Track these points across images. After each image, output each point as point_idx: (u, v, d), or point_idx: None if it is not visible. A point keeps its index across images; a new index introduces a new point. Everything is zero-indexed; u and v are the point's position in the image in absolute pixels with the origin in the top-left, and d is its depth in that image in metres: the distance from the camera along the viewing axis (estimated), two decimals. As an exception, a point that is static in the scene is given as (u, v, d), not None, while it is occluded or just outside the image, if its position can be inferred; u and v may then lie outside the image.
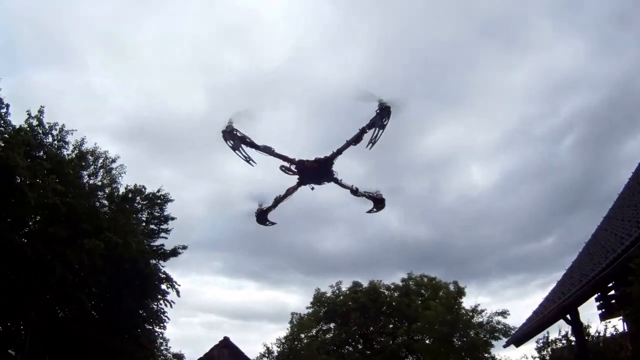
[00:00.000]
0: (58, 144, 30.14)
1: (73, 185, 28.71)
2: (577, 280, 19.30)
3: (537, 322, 22.61)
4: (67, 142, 30.60)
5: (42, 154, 28.63)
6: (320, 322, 54.14)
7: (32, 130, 28.63)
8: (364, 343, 54.09)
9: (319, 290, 56.96)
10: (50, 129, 29.77)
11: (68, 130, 30.52)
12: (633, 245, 13.66)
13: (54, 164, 27.52)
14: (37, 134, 28.96)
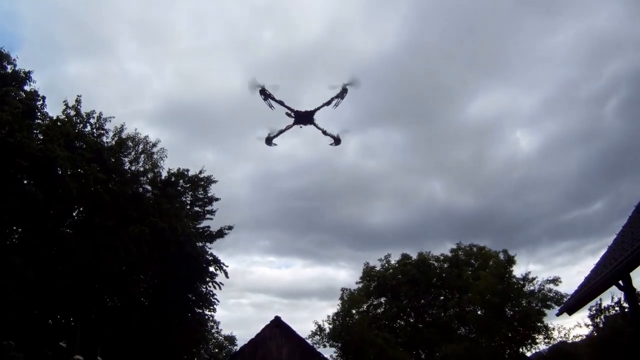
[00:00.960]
0: (97, 132, 30.46)
1: (115, 172, 29.01)
2: (628, 245, 18.73)
3: (589, 289, 22.07)
4: (106, 130, 30.97)
5: (82, 143, 28.90)
6: (370, 297, 54.06)
7: (70, 120, 28.93)
8: (415, 316, 53.95)
9: (368, 264, 56.87)
10: (88, 118, 30.09)
11: (106, 118, 30.87)
12: None
13: (94, 152, 27.79)
14: (75, 124, 29.25)
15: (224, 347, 48.59)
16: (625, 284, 21.13)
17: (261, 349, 34.50)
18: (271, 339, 34.92)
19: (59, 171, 25.23)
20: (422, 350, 50.65)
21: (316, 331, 41.42)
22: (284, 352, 34.70)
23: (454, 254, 54.70)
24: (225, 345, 48.75)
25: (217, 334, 47.13)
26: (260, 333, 35.12)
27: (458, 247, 55.09)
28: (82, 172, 25.87)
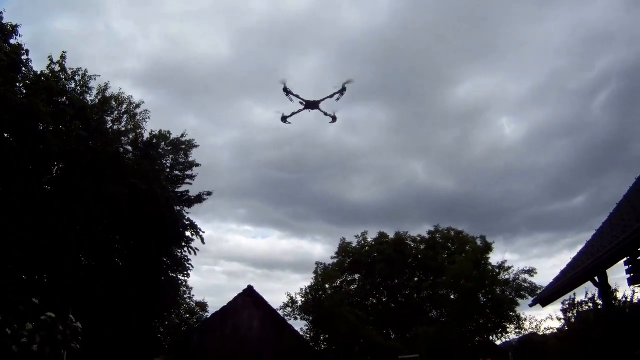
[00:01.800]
0: (81, 89, 29.91)
1: (97, 131, 28.50)
2: (607, 242, 18.65)
3: (564, 283, 22.06)
4: (90, 88, 30.45)
5: (65, 100, 28.37)
6: (344, 273, 54.09)
7: (54, 76, 28.38)
8: (388, 295, 54.10)
9: (344, 240, 56.86)
10: (73, 75, 29.53)
11: (91, 76, 30.30)
12: None
13: (77, 110, 27.26)
14: (59, 80, 28.67)
15: (195, 313, 48.48)
16: (600, 280, 21.11)
17: (232, 318, 34.32)
18: (243, 308, 34.74)
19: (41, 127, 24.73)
20: (393, 330, 50.84)
21: (288, 303, 41.39)
22: (254, 322, 34.55)
23: (431, 236, 54.78)
24: (196, 311, 48.64)
25: (190, 299, 46.95)
26: (232, 302, 34.92)
27: (436, 229, 55.18)
28: (63, 129, 25.38)
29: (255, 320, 34.57)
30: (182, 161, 34.80)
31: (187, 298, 45.72)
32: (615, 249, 17.13)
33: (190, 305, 47.67)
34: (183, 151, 34.57)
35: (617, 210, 22.05)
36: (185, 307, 46.76)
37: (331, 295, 43.03)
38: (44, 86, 25.63)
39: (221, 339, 33.25)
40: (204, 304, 48.98)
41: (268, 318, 34.94)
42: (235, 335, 33.63)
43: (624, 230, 17.08)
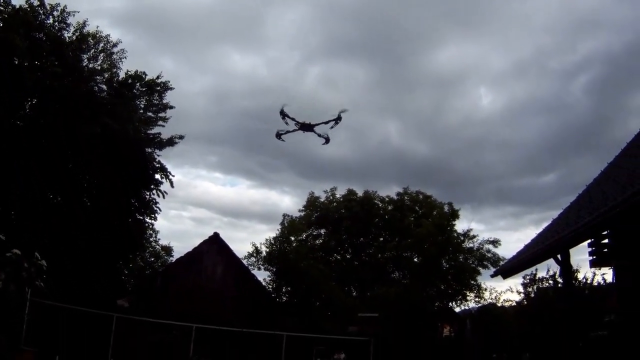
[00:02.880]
0: (59, 25, 29.14)
1: (72, 68, 27.78)
2: (572, 222, 18.90)
3: (527, 257, 22.37)
4: (68, 24, 29.64)
5: (42, 35, 27.66)
6: (311, 227, 54.17)
7: (32, 10, 27.60)
8: (352, 253, 54.41)
9: (313, 194, 56.82)
10: (52, 10, 28.72)
11: (70, 12, 29.47)
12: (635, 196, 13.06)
13: (53, 45, 26.59)
14: (37, 15, 27.91)
15: (160, 256, 48.36)
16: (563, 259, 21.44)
17: (196, 264, 34.46)
18: (207, 255, 34.89)
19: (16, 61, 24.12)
20: (354, 287, 51.30)
21: (252, 253, 41.31)
22: (218, 270, 34.76)
23: (400, 198, 54.92)
24: (161, 255, 48.52)
25: (155, 243, 46.72)
26: (197, 248, 35.03)
27: (405, 192, 55.29)
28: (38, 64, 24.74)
29: (218, 267, 34.77)
30: (156, 103, 34.12)
31: (153, 241, 45.54)
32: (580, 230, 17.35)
33: (156, 248, 47.50)
34: (157, 93, 33.87)
35: (586, 192, 22.27)
36: (151, 250, 46.61)
37: (296, 248, 43.15)
38: (21, 20, 24.95)
39: (184, 284, 33.37)
40: (169, 248, 48.84)
41: (232, 266, 35.17)
42: (198, 282, 33.85)
43: (591, 213, 17.26)
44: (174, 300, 32.46)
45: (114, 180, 27.85)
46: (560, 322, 21.80)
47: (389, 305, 37.59)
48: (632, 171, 17.24)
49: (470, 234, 40.12)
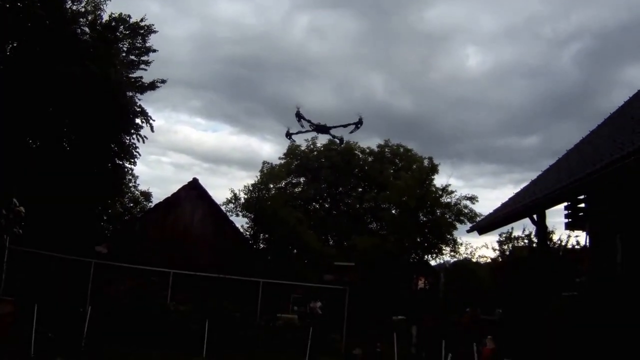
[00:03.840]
0: (42, -34, 28.15)
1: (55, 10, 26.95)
2: (550, 184, 19.16)
3: (503, 215, 22.66)
4: (51, -36, 28.61)
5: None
6: (290, 175, 54.30)
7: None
8: (331, 202, 54.73)
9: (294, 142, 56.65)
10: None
11: (52, -47, 28.47)
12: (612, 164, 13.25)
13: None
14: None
15: (139, 202, 48.19)
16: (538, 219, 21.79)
17: (175, 209, 34.38)
18: (186, 201, 34.78)
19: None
20: (331, 236, 51.75)
21: (231, 199, 41.34)
22: (196, 215, 34.71)
23: (380, 150, 55.07)
24: (140, 200, 48.33)
25: (134, 188, 46.49)
26: (176, 193, 34.89)
27: (385, 144, 55.45)
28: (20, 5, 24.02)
29: (197, 213, 34.72)
30: (139, 46, 33.52)
31: (132, 187, 45.36)
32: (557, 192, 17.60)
33: (135, 194, 47.31)
34: (141, 36, 33.24)
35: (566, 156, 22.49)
36: (130, 195, 46.42)
37: (274, 195, 43.25)
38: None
39: (162, 230, 33.40)
40: (149, 193, 48.66)
41: (210, 212, 35.13)
42: (176, 227, 33.84)
43: (569, 176, 17.47)
44: (152, 246, 32.52)
45: (94, 125, 27.41)
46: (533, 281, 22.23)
47: (366, 255, 37.98)
48: (612, 140, 17.39)
49: (448, 189, 40.34)
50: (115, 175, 30.64)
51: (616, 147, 15.28)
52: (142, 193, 48.50)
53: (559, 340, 12.76)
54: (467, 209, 39.77)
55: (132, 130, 30.84)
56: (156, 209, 35.61)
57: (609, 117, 22.62)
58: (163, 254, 31.54)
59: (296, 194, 53.78)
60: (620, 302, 11.17)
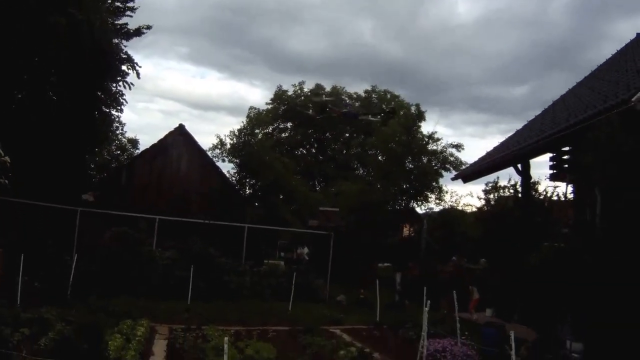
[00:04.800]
0: None
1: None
2: (534, 134, 19.42)
3: (487, 164, 22.95)
4: None
5: None
6: (277, 120, 54.16)
7: None
8: (317, 148, 54.77)
9: (281, 87, 56.42)
10: None
11: None
12: (595, 117, 13.44)
13: None
14: None
15: (126, 149, 47.96)
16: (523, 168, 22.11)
17: (161, 155, 34.35)
18: (172, 147, 34.74)
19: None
20: (318, 182, 51.98)
21: (217, 145, 41.20)
22: (183, 161, 34.72)
23: (367, 96, 54.90)
24: (128, 148, 48.10)
25: (122, 135, 46.16)
26: (163, 139, 34.79)
27: (373, 89, 55.26)
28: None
29: (183, 159, 34.71)
30: (125, -9, 32.80)
31: (120, 134, 45.05)
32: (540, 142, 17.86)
33: (122, 141, 47.06)
34: (126, -19, 32.49)
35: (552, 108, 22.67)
36: (117, 143, 46.20)
37: (261, 140, 43.15)
38: None
39: (149, 177, 33.45)
40: (136, 140, 48.38)
41: (197, 158, 35.12)
42: (162, 174, 33.90)
43: (552, 127, 17.69)
44: (139, 192, 32.59)
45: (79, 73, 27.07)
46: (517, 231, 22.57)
47: (351, 201, 38.23)
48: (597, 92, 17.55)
49: (434, 137, 40.38)
50: (102, 122, 30.41)
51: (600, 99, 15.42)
52: (129, 140, 48.29)
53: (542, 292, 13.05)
54: (452, 157, 39.94)
55: (118, 78, 30.50)
56: (142, 155, 35.52)
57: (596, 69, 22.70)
58: (149, 201, 31.70)
59: (283, 140, 53.74)
60: (598, 254, 11.34)
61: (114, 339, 13.07)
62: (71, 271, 20.37)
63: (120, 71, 30.24)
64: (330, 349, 15.35)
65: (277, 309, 22.03)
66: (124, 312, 18.03)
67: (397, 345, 16.99)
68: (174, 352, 14.20)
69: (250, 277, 25.82)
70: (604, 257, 11.16)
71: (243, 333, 17.55)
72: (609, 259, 11.04)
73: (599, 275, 11.05)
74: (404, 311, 22.45)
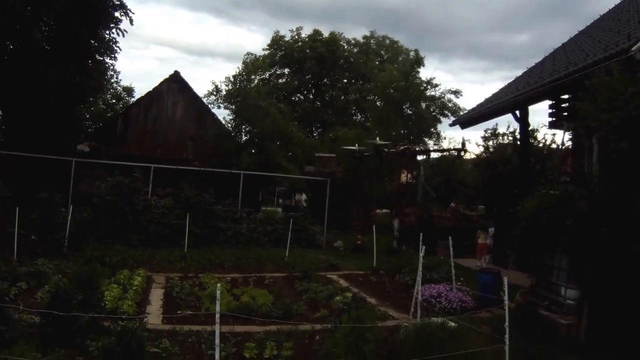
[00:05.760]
0: None
1: None
2: (533, 81, 19.29)
3: (485, 110, 22.81)
4: None
5: None
6: (274, 66, 53.58)
7: None
8: (315, 93, 54.31)
9: (278, 32, 55.61)
10: None
11: None
12: (595, 65, 13.32)
13: None
14: None
15: (121, 98, 47.60)
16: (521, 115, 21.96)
17: (157, 103, 34.18)
18: (168, 94, 34.50)
19: None
20: (315, 128, 51.72)
21: (213, 91, 40.72)
22: (178, 108, 34.53)
23: (366, 41, 54.24)
24: (123, 96, 47.73)
25: (117, 84, 45.74)
26: (158, 87, 34.57)
27: (371, 35, 54.54)
28: None
29: (179, 106, 34.54)
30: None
31: (114, 83, 44.62)
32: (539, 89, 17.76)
33: (117, 90, 46.64)
34: None
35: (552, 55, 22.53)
36: (112, 92, 45.80)
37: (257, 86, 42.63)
38: None
39: (144, 125, 33.30)
40: (131, 89, 48.02)
41: (192, 105, 34.94)
42: (158, 121, 33.75)
43: (552, 74, 17.57)
44: (134, 141, 32.42)
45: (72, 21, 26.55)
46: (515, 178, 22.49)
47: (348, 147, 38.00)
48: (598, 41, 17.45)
49: (433, 83, 39.87)
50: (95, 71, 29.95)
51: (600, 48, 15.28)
52: (124, 88, 47.93)
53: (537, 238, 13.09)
54: (451, 103, 39.54)
55: (111, 25, 29.92)
56: (138, 103, 35.30)
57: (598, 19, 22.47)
58: (145, 149, 31.57)
59: (280, 86, 53.22)
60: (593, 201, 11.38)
61: (110, 290, 13.20)
62: (67, 223, 20.33)
63: (113, 18, 29.67)
64: (327, 294, 15.45)
65: (274, 256, 22.07)
66: (120, 262, 18.17)
67: (393, 291, 17.20)
68: (171, 301, 14.26)
69: (246, 224, 25.83)
70: (598, 205, 11.17)
71: (239, 280, 17.71)
72: (603, 207, 11.05)
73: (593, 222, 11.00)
74: (402, 257, 22.25)
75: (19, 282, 13.64)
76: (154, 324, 11.79)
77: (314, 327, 11.83)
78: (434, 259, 17.09)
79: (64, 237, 19.99)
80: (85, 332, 9.69)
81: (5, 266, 14.66)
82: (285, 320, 12.16)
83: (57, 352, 8.79)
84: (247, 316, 11.81)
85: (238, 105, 35.28)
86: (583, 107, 11.71)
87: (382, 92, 40.55)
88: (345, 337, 8.88)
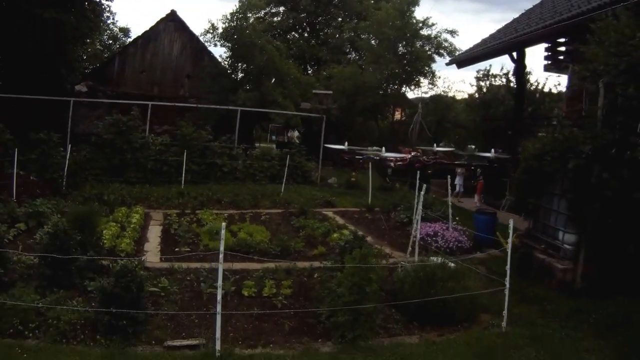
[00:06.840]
0: None
1: None
2: (533, 22, 19.18)
3: (483, 50, 22.78)
4: None
5: None
6: (270, 5, 52.96)
7: None
8: (310, 32, 53.80)
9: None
10: None
11: None
12: (601, 8, 13.39)
13: None
14: None
15: (118, 39, 47.25)
16: (518, 56, 22.05)
17: (153, 42, 34.18)
18: (164, 33, 34.49)
19: None
20: (310, 66, 51.43)
21: (209, 29, 40.61)
22: (175, 47, 34.58)
23: (359, -21, 53.35)
24: (119, 37, 47.37)
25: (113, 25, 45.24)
26: (154, 26, 34.47)
27: (365, -27, 53.58)
28: None
29: (176, 44, 34.54)
30: None
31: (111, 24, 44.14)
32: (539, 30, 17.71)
33: (114, 31, 46.28)
34: None
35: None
36: (109, 33, 45.45)
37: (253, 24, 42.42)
38: None
39: (141, 63, 33.43)
40: (127, 29, 47.59)
41: (189, 43, 34.96)
42: (155, 60, 33.85)
43: (554, 16, 17.46)
44: (131, 80, 32.61)
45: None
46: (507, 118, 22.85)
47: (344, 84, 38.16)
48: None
49: (428, 22, 39.83)
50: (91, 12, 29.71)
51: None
52: (121, 29, 47.50)
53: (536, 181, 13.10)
54: (447, 43, 39.54)
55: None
56: (134, 43, 35.24)
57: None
58: (142, 87, 31.82)
59: (275, 24, 52.74)
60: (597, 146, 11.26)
61: (108, 228, 13.45)
62: (66, 162, 20.61)
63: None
64: (323, 231, 15.70)
65: (270, 192, 22.26)
66: (118, 199, 18.50)
67: (389, 229, 17.40)
68: (168, 237, 14.52)
69: (242, 161, 26.03)
70: (602, 150, 11.13)
71: (236, 216, 18.00)
72: (606, 152, 11.05)
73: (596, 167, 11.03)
74: (396, 194, 22.46)
75: (17, 223, 13.84)
76: (152, 262, 12.06)
77: (312, 264, 12.06)
78: (427, 198, 17.45)
79: (63, 177, 20.27)
80: (84, 273, 9.94)
81: (4, 208, 14.77)
82: (283, 257, 12.48)
83: (56, 293, 8.98)
84: (246, 255, 11.92)
85: (234, 43, 35.27)
86: (589, 50, 11.62)
87: (377, 31, 40.48)
88: (349, 276, 8.81)
